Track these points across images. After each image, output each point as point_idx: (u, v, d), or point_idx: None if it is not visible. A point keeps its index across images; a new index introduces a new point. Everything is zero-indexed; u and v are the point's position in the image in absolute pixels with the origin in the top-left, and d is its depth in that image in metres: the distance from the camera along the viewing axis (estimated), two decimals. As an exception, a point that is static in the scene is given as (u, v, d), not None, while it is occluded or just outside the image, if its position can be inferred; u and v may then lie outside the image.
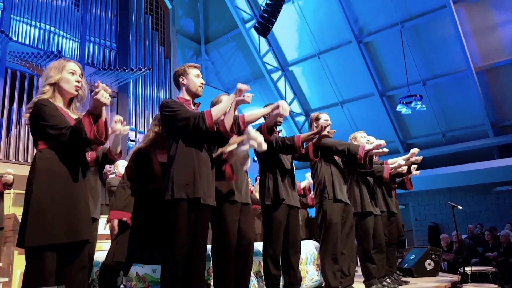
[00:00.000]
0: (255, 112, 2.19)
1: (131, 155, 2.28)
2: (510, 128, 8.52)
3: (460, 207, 4.21)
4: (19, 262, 3.85)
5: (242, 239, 2.25)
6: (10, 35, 6.08)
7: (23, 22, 6.49)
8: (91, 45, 7.38)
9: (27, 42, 6.50)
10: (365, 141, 3.22)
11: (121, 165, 3.99)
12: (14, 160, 5.96)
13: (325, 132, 2.59)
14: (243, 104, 2.02)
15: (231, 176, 2.22)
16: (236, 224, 2.23)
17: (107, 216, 2.18)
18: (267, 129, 2.40)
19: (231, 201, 2.21)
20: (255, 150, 2.18)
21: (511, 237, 5.60)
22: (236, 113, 2.12)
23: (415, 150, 3.45)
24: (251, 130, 2.12)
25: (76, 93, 1.74)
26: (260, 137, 2.10)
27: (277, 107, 2.26)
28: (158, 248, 2.04)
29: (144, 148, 2.22)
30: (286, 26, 9.59)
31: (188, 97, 2.14)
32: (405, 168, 3.40)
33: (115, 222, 2.11)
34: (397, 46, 8.61)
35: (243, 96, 1.99)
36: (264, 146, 2.12)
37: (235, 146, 2.12)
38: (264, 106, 2.62)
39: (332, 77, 9.91)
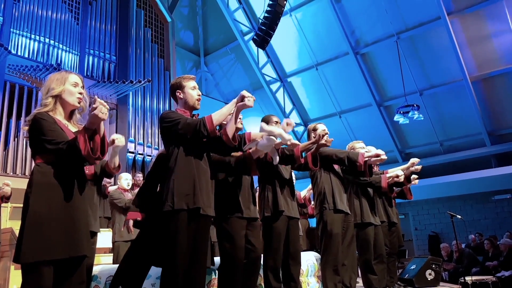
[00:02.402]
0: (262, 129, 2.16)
1: (154, 160, 2.34)
2: (507, 136, 8.56)
3: (459, 217, 4.20)
4: (16, 277, 3.80)
5: (251, 252, 2.23)
6: (9, 48, 6.12)
7: (22, 36, 6.54)
8: (91, 57, 7.42)
9: (26, 55, 6.54)
10: (364, 151, 3.23)
11: (123, 178, 3.99)
12: (11, 173, 5.93)
13: (323, 141, 2.60)
14: (246, 108, 1.96)
15: (256, 172, 2.25)
16: (243, 238, 2.21)
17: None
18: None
19: (238, 216, 2.19)
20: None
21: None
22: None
23: (415, 160, 3.45)
24: (264, 125, 2.08)
25: (79, 105, 1.74)
26: (277, 130, 2.06)
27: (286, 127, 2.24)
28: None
29: (166, 153, 2.25)
30: (284, 38, 9.70)
31: (186, 110, 2.14)
32: (402, 177, 3.40)
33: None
34: (393, 57, 8.71)
35: (244, 100, 1.95)
36: (287, 136, 2.09)
37: (254, 145, 2.07)
38: (262, 120, 2.62)
39: (330, 88, 9.98)
